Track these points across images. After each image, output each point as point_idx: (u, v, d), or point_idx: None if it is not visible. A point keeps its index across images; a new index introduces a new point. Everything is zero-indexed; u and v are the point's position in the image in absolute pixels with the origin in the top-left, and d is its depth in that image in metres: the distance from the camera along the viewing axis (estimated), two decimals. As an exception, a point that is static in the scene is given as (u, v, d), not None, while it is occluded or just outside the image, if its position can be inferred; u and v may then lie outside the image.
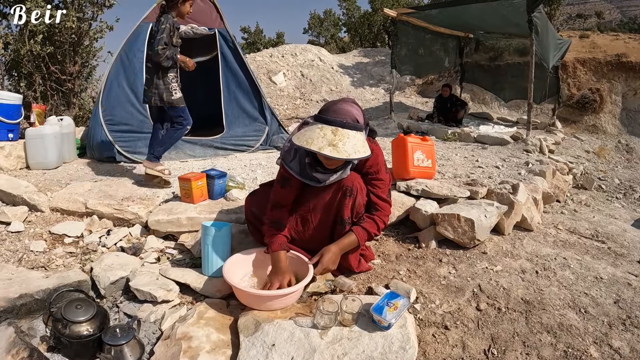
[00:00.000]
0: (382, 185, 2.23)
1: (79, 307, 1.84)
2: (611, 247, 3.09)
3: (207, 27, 5.12)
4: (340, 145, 1.79)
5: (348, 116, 1.87)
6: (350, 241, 2.18)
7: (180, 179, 2.98)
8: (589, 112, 10.02)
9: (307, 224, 2.27)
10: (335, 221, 2.21)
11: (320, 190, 2.18)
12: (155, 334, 1.94)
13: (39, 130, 4.20)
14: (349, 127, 1.86)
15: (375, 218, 2.22)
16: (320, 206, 2.22)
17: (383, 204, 2.24)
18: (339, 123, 1.85)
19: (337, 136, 1.82)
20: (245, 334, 1.72)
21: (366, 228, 2.19)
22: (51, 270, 2.39)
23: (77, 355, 1.80)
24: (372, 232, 2.21)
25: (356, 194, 2.14)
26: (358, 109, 1.98)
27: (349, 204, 2.15)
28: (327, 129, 1.84)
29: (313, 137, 1.82)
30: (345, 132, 1.84)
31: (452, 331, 1.93)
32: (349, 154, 1.79)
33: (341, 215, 2.18)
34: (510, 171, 4.36)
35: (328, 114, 1.89)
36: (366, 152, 1.86)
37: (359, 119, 1.91)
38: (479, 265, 2.52)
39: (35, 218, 3.04)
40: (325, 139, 1.80)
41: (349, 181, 2.13)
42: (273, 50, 13.34)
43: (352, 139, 1.84)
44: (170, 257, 2.59)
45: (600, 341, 1.88)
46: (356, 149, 1.82)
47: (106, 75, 4.74)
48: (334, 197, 2.17)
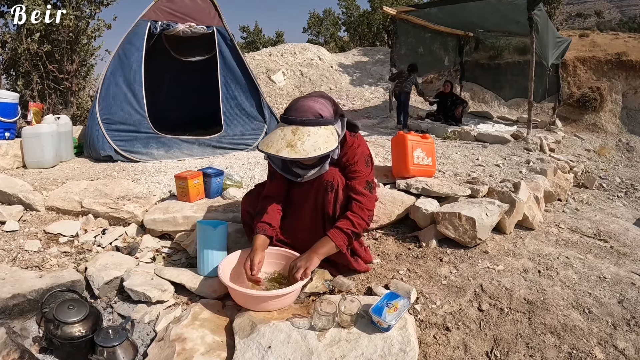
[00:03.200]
0: (357, 176, 2.13)
1: (71, 307, 1.80)
2: (614, 246, 3.05)
3: (206, 26, 5.10)
4: (299, 144, 1.77)
5: (309, 112, 1.85)
6: (326, 246, 2.05)
7: (177, 177, 2.93)
8: (590, 110, 10.01)
9: (298, 224, 2.23)
10: (324, 219, 2.15)
11: (306, 188, 2.15)
12: (150, 335, 1.89)
13: (35, 129, 4.16)
14: (309, 123, 1.83)
15: (348, 214, 2.08)
16: (307, 204, 2.18)
17: (358, 197, 2.10)
18: (298, 121, 1.83)
19: (296, 135, 1.80)
20: (240, 336, 1.68)
21: (339, 226, 2.07)
22: (45, 270, 2.35)
23: (69, 356, 1.76)
24: (345, 229, 2.06)
25: (337, 188, 2.08)
26: (323, 102, 1.94)
27: (332, 199, 2.09)
28: (288, 129, 1.83)
29: (273, 139, 1.82)
30: (305, 130, 1.82)
31: (454, 332, 1.89)
32: (307, 152, 1.77)
33: (327, 212, 2.12)
34: (511, 169, 4.32)
35: (290, 112, 1.88)
36: (328, 147, 1.83)
37: (322, 114, 1.87)
38: (480, 265, 2.47)
39: (31, 217, 3.00)
40: (284, 140, 1.79)
41: (329, 176, 2.08)
42: (272, 50, 13.31)
43: (314, 136, 1.81)
44: (165, 256, 2.55)
45: (604, 342, 1.84)
46: (316, 146, 1.80)
47: (104, 73, 4.71)
48: (317, 193, 2.12)
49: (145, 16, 4.81)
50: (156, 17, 4.86)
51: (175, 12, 4.94)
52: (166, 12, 4.90)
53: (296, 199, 2.25)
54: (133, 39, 4.74)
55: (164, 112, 5.78)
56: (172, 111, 6.39)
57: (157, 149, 4.68)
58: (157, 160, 4.63)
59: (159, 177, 3.84)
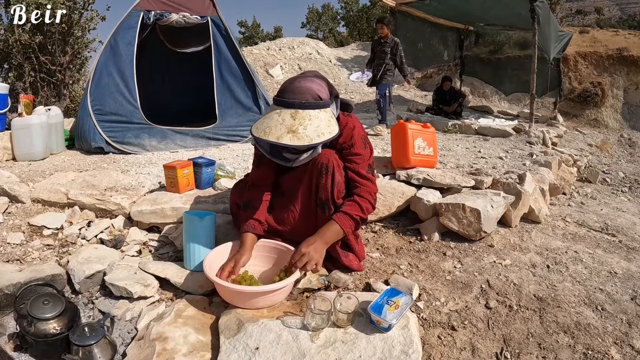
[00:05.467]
0: (359, 160, 2.00)
1: (46, 302, 1.66)
2: (622, 240, 2.93)
3: (200, 15, 4.96)
4: (301, 130, 1.62)
5: (308, 94, 1.69)
6: (333, 231, 1.93)
7: (166, 167, 2.79)
8: (591, 106, 9.92)
9: (291, 213, 2.08)
10: (317, 204, 2.01)
11: (298, 172, 2.01)
12: (131, 334, 1.76)
13: (25, 121, 4.04)
14: (310, 106, 1.68)
15: (356, 198, 1.97)
16: (300, 190, 2.04)
17: (363, 181, 2.00)
18: (297, 104, 1.67)
19: (296, 120, 1.64)
20: (226, 335, 1.54)
21: (347, 212, 1.95)
22: (26, 264, 2.23)
23: (44, 355, 1.63)
24: (354, 215, 1.95)
25: (333, 170, 1.93)
26: (320, 82, 1.80)
27: (327, 183, 1.94)
28: (286, 112, 1.67)
29: (271, 125, 1.65)
30: (306, 114, 1.67)
31: (460, 332, 1.75)
32: (311, 139, 1.63)
33: (320, 197, 1.97)
34: (514, 162, 4.20)
35: (286, 94, 1.71)
36: (332, 133, 1.70)
37: (321, 95, 1.73)
38: (486, 259, 2.34)
39: (16, 209, 2.87)
40: (283, 125, 1.63)
41: (323, 157, 1.93)
42: (270, 44, 13.17)
43: (315, 120, 1.67)
44: (153, 250, 2.41)
45: (620, 341, 1.72)
46: (320, 131, 1.65)
47: (95, 63, 4.58)
48: (311, 177, 1.98)
49: (138, 6, 4.67)
50: (149, 6, 4.72)
51: (168, 2, 4.80)
52: (159, 1, 4.76)
53: (288, 185, 2.10)
54: (125, 28, 4.61)
55: (158, 104, 5.65)
56: (166, 103, 6.25)
57: (149, 139, 4.55)
58: (149, 151, 4.50)
59: (149, 169, 3.70)
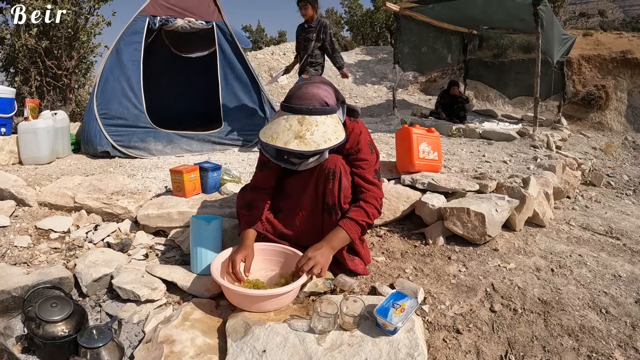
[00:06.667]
0: (365, 166, 2.02)
1: (55, 305, 1.68)
2: (626, 243, 2.93)
3: (205, 21, 4.99)
4: (308, 135, 1.65)
5: (315, 100, 1.72)
6: (340, 237, 1.95)
7: (172, 171, 2.81)
8: (595, 109, 9.86)
9: (297, 217, 2.11)
10: (324, 209, 2.03)
11: (304, 177, 2.03)
12: (139, 336, 1.78)
13: (31, 125, 4.06)
14: (317, 112, 1.71)
15: (362, 204, 1.99)
16: (306, 195, 2.06)
17: (369, 186, 2.02)
18: (305, 110, 1.70)
19: (304, 126, 1.67)
20: (233, 338, 1.55)
21: (354, 218, 1.96)
22: (33, 267, 2.26)
23: (52, 357, 1.65)
24: (361, 221, 1.97)
25: (340, 176, 1.95)
26: (327, 88, 1.82)
27: (334, 188, 1.96)
28: (293, 118, 1.70)
29: (278, 130, 1.69)
30: (313, 120, 1.69)
31: (465, 335, 1.76)
32: (319, 145, 1.65)
33: (327, 202, 1.99)
34: (518, 166, 4.20)
35: (293, 100, 1.74)
36: (339, 139, 1.72)
37: (328, 101, 1.76)
38: (490, 263, 2.35)
39: (23, 213, 2.90)
40: (291, 131, 1.66)
41: (330, 163, 1.95)
42: (274, 48, 13.21)
43: (322, 126, 1.69)
44: (159, 253, 2.43)
45: (625, 344, 1.72)
46: (327, 136, 1.68)
47: (101, 68, 4.60)
48: (318, 182, 2.00)
49: (143, 11, 4.71)
50: (155, 12, 4.76)
51: (174, 7, 4.84)
52: (165, 7, 4.80)
53: (293, 189, 2.12)
54: (131, 33, 4.64)
55: (164, 108, 5.67)
56: (172, 107, 6.27)
57: (155, 143, 4.58)
58: (155, 155, 4.52)
59: (155, 173, 3.73)
